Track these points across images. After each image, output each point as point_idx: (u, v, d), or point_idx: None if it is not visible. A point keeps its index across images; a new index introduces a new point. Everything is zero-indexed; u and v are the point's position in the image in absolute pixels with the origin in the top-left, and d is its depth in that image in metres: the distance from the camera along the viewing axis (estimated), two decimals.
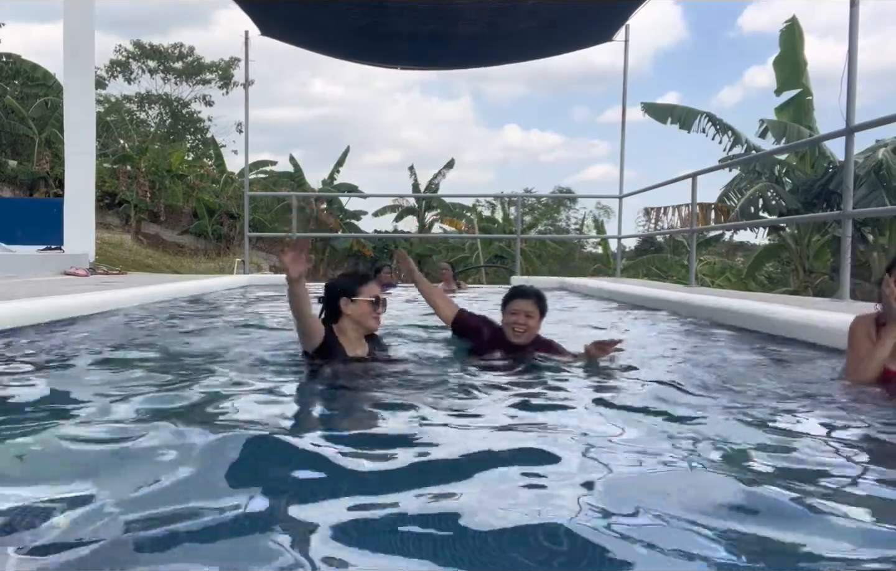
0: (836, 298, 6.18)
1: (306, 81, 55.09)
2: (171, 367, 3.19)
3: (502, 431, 2.11)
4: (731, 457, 1.86)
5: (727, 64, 65.46)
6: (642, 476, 1.69)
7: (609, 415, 2.36)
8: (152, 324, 4.97)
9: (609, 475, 1.66)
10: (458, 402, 2.52)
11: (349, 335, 3.09)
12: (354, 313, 3.07)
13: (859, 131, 6.06)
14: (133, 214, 21.67)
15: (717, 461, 1.82)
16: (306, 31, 11.56)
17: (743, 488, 1.58)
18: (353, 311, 3.07)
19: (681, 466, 1.76)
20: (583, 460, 1.75)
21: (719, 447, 1.93)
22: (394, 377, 2.91)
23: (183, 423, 2.08)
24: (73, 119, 10.30)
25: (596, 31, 11.18)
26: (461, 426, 2.18)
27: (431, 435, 2.05)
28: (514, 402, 2.55)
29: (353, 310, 3.07)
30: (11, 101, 21.49)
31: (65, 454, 1.87)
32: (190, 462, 1.71)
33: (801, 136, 13.09)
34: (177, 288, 7.37)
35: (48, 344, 3.81)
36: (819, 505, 1.49)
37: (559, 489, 1.54)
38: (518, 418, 2.32)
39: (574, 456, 1.76)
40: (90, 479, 1.69)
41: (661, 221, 15.69)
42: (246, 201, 11.88)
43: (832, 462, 1.86)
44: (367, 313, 3.08)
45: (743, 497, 1.52)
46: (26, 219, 12.28)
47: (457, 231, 22.13)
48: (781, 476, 1.70)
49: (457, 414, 2.33)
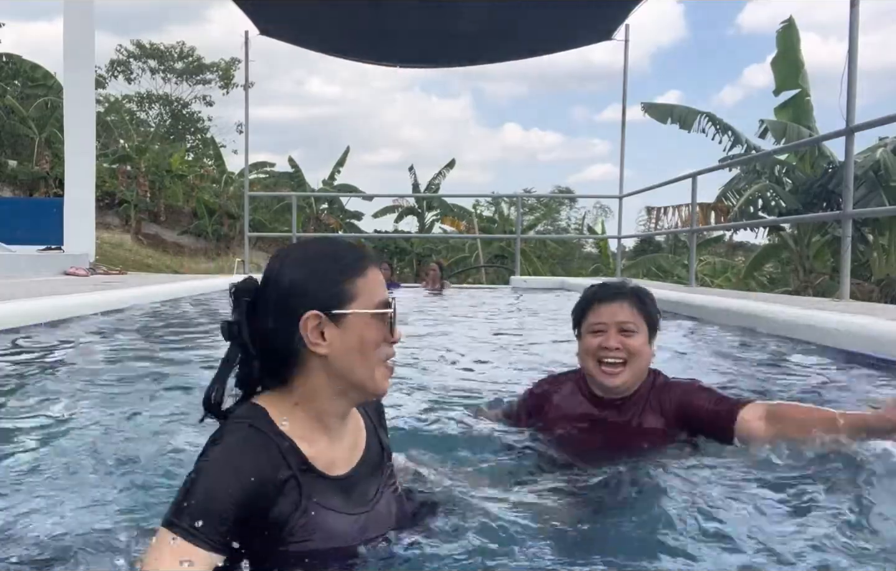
0: (836, 298, 6.17)
1: (304, 81, 55.09)
2: (170, 368, 3.19)
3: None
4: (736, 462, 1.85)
5: (727, 63, 65.44)
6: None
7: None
8: (152, 325, 4.97)
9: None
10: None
11: (311, 422, 1.18)
12: (341, 352, 1.15)
13: (859, 131, 6.06)
14: (133, 214, 21.66)
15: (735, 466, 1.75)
16: (304, 29, 11.56)
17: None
18: (342, 343, 1.15)
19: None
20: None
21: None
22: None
23: (181, 424, 2.08)
24: (73, 119, 10.29)
25: (596, 29, 11.17)
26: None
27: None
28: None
29: (340, 344, 1.15)
30: (11, 101, 21.47)
31: (63, 455, 1.87)
32: (187, 464, 1.71)
33: (801, 136, 13.08)
34: (177, 288, 7.37)
35: (48, 344, 3.81)
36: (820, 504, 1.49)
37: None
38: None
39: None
40: (88, 479, 1.69)
41: (662, 221, 15.69)
42: (246, 201, 11.88)
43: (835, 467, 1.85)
44: (372, 345, 1.17)
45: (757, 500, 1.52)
46: (26, 219, 12.29)
47: (457, 231, 22.12)
48: (786, 476, 1.70)
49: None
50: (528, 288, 9.87)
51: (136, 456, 1.81)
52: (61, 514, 1.46)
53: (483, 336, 4.93)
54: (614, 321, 1.86)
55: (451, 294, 9.18)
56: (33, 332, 4.08)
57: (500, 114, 64.96)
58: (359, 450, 1.24)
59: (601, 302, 1.90)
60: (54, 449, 1.90)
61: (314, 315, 1.13)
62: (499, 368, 3.53)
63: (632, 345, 1.84)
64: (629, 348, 1.83)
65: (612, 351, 1.84)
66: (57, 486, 1.63)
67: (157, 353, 3.63)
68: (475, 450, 1.87)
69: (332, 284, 1.15)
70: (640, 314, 1.88)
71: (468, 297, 8.72)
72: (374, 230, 23.31)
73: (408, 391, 2.68)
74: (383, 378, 1.18)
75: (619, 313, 1.87)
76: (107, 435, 2.02)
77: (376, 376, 1.17)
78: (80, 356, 3.43)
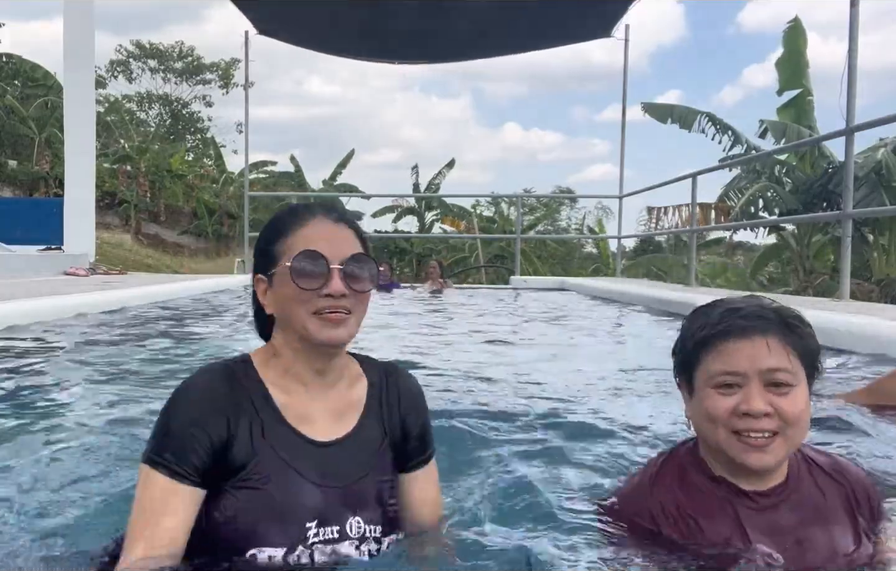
0: (836, 298, 6.18)
1: (304, 81, 55.11)
2: (170, 368, 3.19)
3: None
4: None
5: (727, 63, 65.46)
6: None
7: None
8: (152, 325, 4.97)
9: None
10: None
11: (286, 373, 1.23)
12: (277, 309, 1.23)
13: (859, 131, 6.06)
14: (133, 214, 21.66)
15: None
16: (302, 28, 11.58)
17: None
18: (275, 300, 1.22)
19: None
20: None
21: None
22: None
23: None
24: (73, 119, 10.29)
25: (594, 26, 11.16)
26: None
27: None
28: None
29: (274, 302, 1.23)
30: (11, 101, 21.47)
31: (63, 455, 1.87)
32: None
33: (801, 137, 13.08)
34: (177, 288, 7.37)
35: (48, 344, 3.81)
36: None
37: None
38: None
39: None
40: (86, 480, 1.69)
41: (662, 221, 15.69)
42: (246, 201, 11.89)
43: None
44: (292, 299, 1.19)
45: None
46: (26, 219, 12.29)
47: (457, 231, 22.11)
48: None
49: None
50: (528, 288, 9.87)
51: (136, 456, 1.81)
52: (62, 515, 1.46)
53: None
54: (757, 369, 1.17)
55: (452, 294, 9.15)
56: (33, 332, 4.08)
57: (500, 114, 65.01)
58: (347, 423, 1.23)
59: (731, 337, 1.19)
60: (54, 448, 1.90)
61: (258, 278, 1.24)
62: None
63: (788, 409, 1.16)
64: (784, 413, 1.16)
65: (758, 417, 1.16)
66: (56, 486, 1.63)
67: (157, 353, 3.63)
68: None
69: (267, 246, 1.23)
70: (796, 354, 1.19)
71: (472, 294, 8.70)
72: (374, 230, 23.32)
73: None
74: (318, 329, 1.16)
75: (765, 356, 1.17)
76: (106, 434, 2.02)
77: (309, 327, 1.17)
78: (80, 356, 3.42)
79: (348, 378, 1.27)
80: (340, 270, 1.17)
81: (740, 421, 1.17)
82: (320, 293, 1.16)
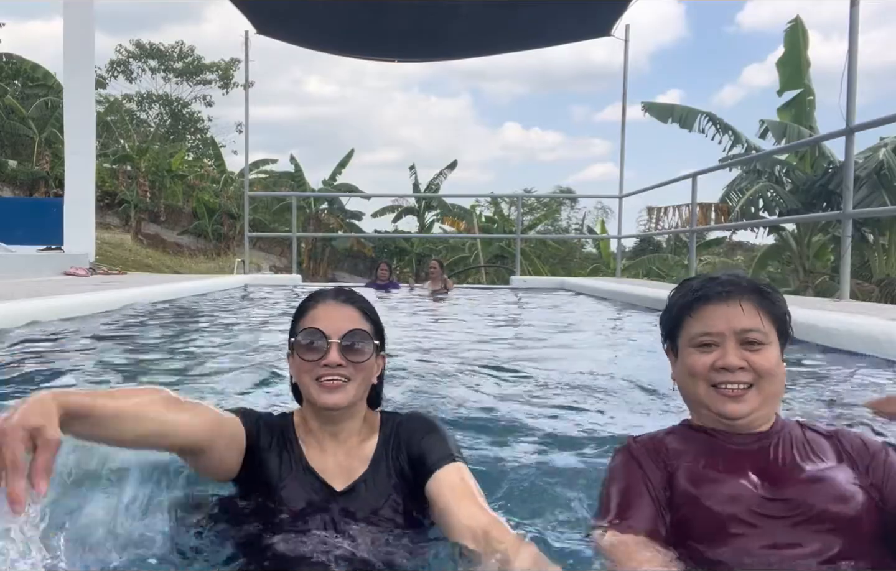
0: (836, 298, 6.17)
1: (302, 80, 55.09)
2: (170, 367, 3.19)
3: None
4: None
5: (727, 63, 65.44)
6: None
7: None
8: (152, 325, 4.97)
9: None
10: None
11: (308, 432, 1.47)
12: (295, 377, 1.47)
13: (860, 131, 6.06)
14: (133, 214, 21.66)
15: None
16: (302, 27, 11.58)
17: None
18: (293, 370, 1.47)
19: None
20: None
21: None
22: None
23: None
24: (73, 119, 10.29)
25: (593, 24, 11.16)
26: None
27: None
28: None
29: (293, 368, 1.47)
30: (11, 101, 21.47)
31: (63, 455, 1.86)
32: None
33: (802, 137, 13.08)
34: (177, 288, 7.37)
35: (48, 344, 3.81)
36: None
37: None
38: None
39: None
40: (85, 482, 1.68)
41: (662, 221, 15.69)
42: (246, 201, 11.89)
43: None
44: (299, 369, 1.44)
45: None
46: (26, 219, 12.27)
47: (457, 231, 22.12)
48: None
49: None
50: (528, 288, 9.87)
51: (136, 457, 1.81)
52: (62, 514, 1.46)
53: None
54: (732, 328, 1.30)
55: (456, 295, 9.13)
56: (33, 332, 4.08)
57: (500, 113, 65.00)
58: (353, 476, 1.41)
59: (709, 301, 1.33)
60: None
61: (289, 353, 1.47)
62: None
63: (760, 363, 1.29)
64: (757, 367, 1.29)
65: (733, 371, 1.29)
66: (56, 485, 1.62)
67: (157, 353, 3.63)
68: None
69: (292, 325, 1.46)
70: (767, 316, 1.32)
71: (473, 298, 8.69)
72: (374, 230, 23.33)
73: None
74: (318, 393, 1.38)
75: (739, 317, 1.30)
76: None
77: (312, 392, 1.39)
78: (80, 356, 3.42)
79: (360, 435, 1.45)
80: (338, 344, 1.37)
81: (718, 374, 1.30)
82: (320, 363, 1.37)
